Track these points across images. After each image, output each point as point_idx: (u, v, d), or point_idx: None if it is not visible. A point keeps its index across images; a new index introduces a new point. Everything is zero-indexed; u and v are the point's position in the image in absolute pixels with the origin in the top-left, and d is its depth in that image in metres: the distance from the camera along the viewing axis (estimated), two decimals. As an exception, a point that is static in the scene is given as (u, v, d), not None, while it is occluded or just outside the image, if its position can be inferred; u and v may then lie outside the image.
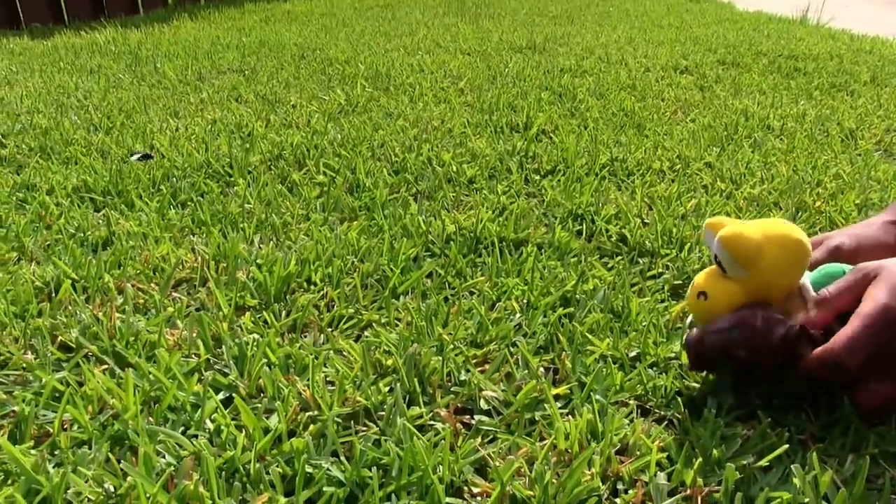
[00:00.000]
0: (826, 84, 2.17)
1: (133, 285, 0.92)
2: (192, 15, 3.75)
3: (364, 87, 2.06)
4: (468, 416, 0.70)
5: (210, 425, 0.67)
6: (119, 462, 0.62)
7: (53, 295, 0.90)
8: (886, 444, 0.66)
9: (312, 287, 0.93)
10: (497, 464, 0.63)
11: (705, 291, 0.72)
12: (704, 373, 0.76)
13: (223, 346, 0.78)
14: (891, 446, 0.66)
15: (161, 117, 1.73)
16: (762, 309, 0.68)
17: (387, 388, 0.72)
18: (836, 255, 0.78)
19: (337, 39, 2.93)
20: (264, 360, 0.75)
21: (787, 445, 0.65)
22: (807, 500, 0.59)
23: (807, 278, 0.72)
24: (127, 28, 3.28)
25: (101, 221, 1.12)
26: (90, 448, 0.64)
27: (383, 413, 0.69)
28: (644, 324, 0.84)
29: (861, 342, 0.63)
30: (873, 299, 0.65)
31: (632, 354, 0.79)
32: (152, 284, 0.93)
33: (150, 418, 0.68)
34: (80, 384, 0.73)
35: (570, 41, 2.93)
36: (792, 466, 0.62)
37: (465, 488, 0.61)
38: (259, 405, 0.69)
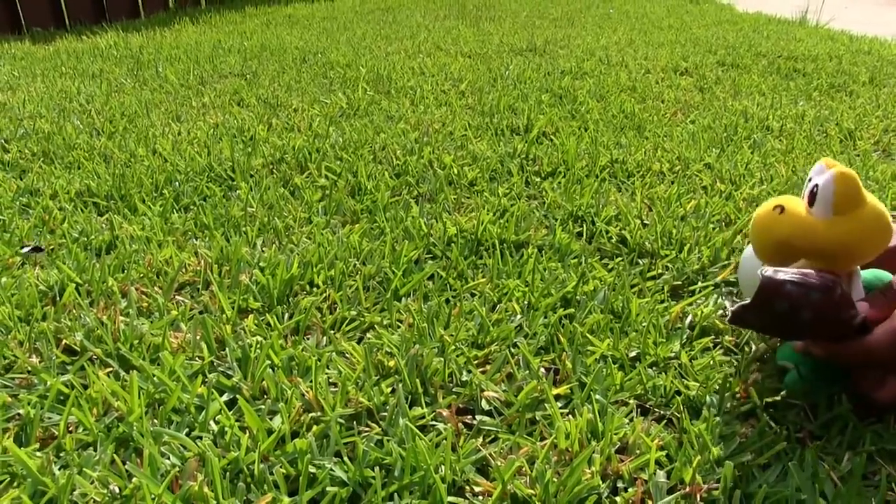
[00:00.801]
0: (825, 85, 2.18)
1: (137, 289, 0.93)
2: (193, 19, 3.76)
3: (365, 90, 2.07)
4: (470, 417, 0.71)
5: (214, 427, 0.68)
6: (124, 463, 0.62)
7: (58, 299, 0.90)
8: (883, 442, 0.67)
9: (315, 290, 0.94)
10: (498, 463, 0.63)
11: (784, 206, 0.70)
12: (704, 368, 0.76)
13: (227, 349, 0.79)
14: (888, 444, 0.67)
15: (163, 121, 1.74)
16: (841, 283, 0.67)
17: (389, 389, 0.73)
18: (892, 254, 0.77)
19: (338, 43, 2.94)
20: (267, 362, 0.76)
21: (785, 443, 0.65)
22: (804, 496, 0.60)
23: (859, 272, 0.73)
24: (128, 32, 3.29)
25: (104, 226, 1.13)
26: (95, 450, 0.65)
27: (386, 414, 0.70)
28: (644, 324, 0.84)
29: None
30: None
31: (632, 354, 0.80)
32: (156, 288, 0.94)
33: (155, 420, 0.69)
34: (85, 387, 0.74)
35: (571, 43, 2.94)
36: (790, 464, 0.62)
37: (467, 487, 0.62)
38: (263, 407, 0.70)
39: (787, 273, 0.66)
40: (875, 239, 0.68)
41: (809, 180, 0.70)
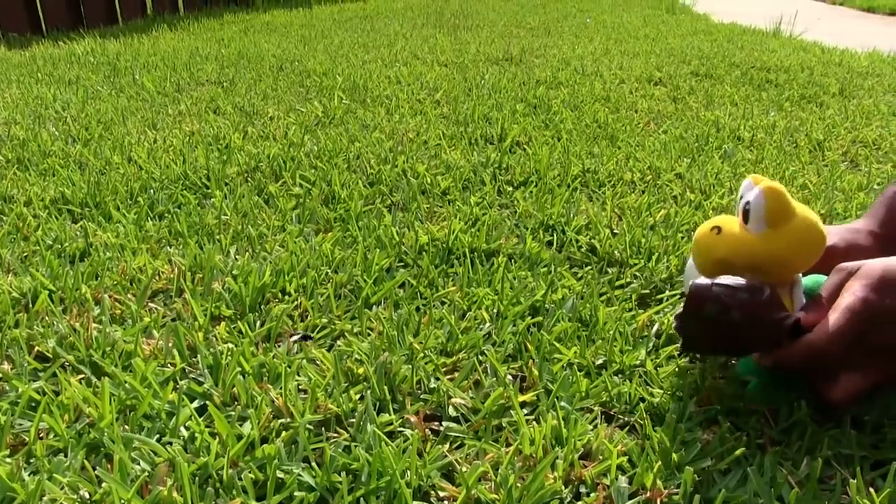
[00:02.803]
0: (796, 96, 2.21)
1: (110, 296, 0.93)
2: (171, 25, 3.76)
3: (341, 99, 2.08)
4: (437, 423, 0.72)
5: (184, 432, 0.68)
6: (94, 469, 0.63)
7: (30, 306, 0.91)
8: (840, 447, 0.68)
9: (287, 297, 0.95)
10: (463, 469, 0.65)
11: (720, 227, 0.74)
12: (669, 375, 0.78)
13: (198, 356, 0.80)
14: (844, 449, 0.68)
15: (139, 129, 1.74)
16: (770, 287, 0.70)
17: (358, 396, 0.74)
18: (830, 254, 0.80)
19: (315, 51, 2.95)
20: (238, 369, 0.77)
21: (745, 449, 0.67)
22: (762, 501, 0.62)
23: (800, 281, 0.75)
24: (106, 38, 3.29)
25: (78, 233, 1.13)
26: (66, 456, 0.65)
27: (354, 420, 0.71)
28: (611, 332, 0.86)
29: (841, 333, 0.67)
30: (852, 293, 0.69)
31: (598, 362, 0.82)
32: (129, 295, 0.94)
33: (126, 426, 0.69)
34: (57, 393, 0.74)
35: (547, 53, 2.96)
36: (749, 469, 0.64)
37: (433, 492, 0.63)
38: (233, 413, 0.71)
39: (714, 279, 0.70)
40: (809, 248, 0.72)
41: (741, 198, 0.74)
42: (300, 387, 0.76)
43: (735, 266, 0.73)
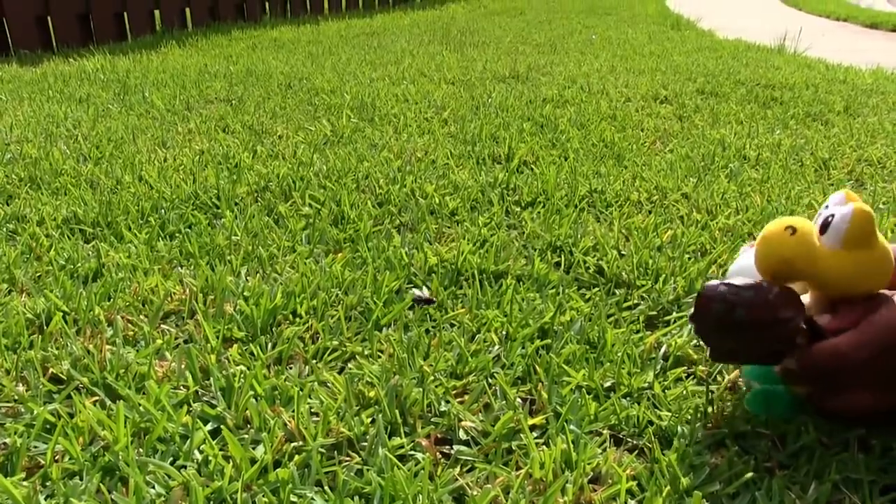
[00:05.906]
0: (801, 113, 2.22)
1: (123, 317, 0.94)
2: (179, 42, 3.78)
3: (349, 117, 2.09)
4: (448, 446, 0.73)
5: (198, 456, 0.69)
6: (110, 492, 0.64)
7: (45, 327, 0.92)
8: (848, 471, 0.69)
9: (298, 319, 0.96)
10: (475, 493, 0.65)
11: (796, 228, 0.72)
12: (677, 398, 0.79)
13: (211, 378, 0.81)
14: (852, 473, 0.69)
15: (149, 147, 1.75)
16: (784, 288, 0.71)
17: (369, 419, 0.75)
18: None
19: (323, 68, 2.96)
20: (251, 392, 0.77)
21: (753, 473, 0.68)
22: (770, 526, 0.62)
23: None
24: (115, 55, 3.31)
25: (90, 253, 1.14)
26: (81, 479, 0.66)
27: (366, 443, 0.71)
28: (619, 354, 0.87)
29: (867, 344, 0.67)
30: (889, 309, 0.69)
31: (606, 385, 0.82)
32: (141, 316, 0.95)
33: (141, 449, 0.70)
34: (72, 416, 0.75)
35: (553, 70, 2.98)
36: (757, 493, 0.65)
37: (444, 516, 0.64)
38: (246, 436, 0.72)
39: (725, 279, 0.72)
40: (873, 282, 0.71)
41: (825, 207, 0.73)
42: (312, 410, 0.77)
43: (797, 270, 0.72)
